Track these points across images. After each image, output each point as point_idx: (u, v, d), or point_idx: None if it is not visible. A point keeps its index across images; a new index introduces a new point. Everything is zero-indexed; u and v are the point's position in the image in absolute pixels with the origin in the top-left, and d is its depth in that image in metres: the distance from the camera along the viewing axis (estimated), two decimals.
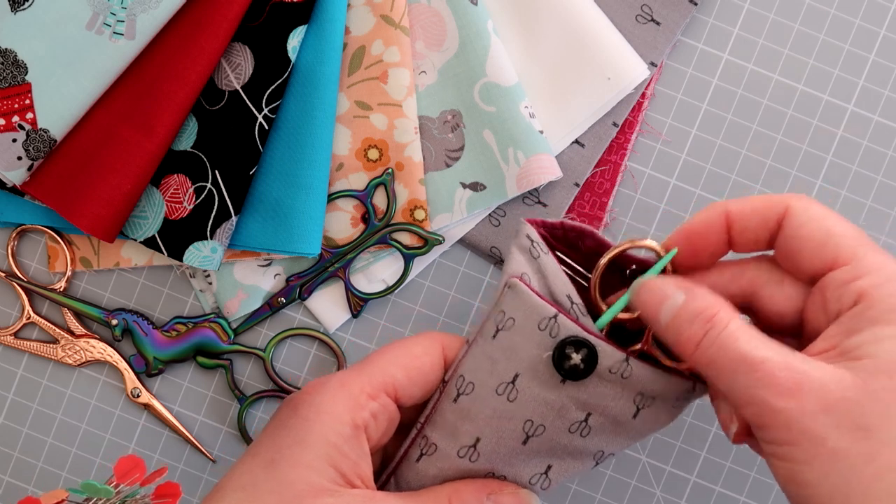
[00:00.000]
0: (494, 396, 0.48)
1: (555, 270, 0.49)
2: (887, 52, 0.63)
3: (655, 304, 0.46)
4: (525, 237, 0.50)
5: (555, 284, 0.48)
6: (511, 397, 0.48)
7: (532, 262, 0.49)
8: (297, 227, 0.59)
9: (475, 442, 0.49)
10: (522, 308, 0.48)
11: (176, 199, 0.59)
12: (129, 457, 0.47)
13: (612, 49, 0.61)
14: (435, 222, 0.62)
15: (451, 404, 0.49)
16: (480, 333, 0.49)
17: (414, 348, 0.50)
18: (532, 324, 0.48)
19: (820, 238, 0.44)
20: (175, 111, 0.57)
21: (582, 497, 0.64)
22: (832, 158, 0.63)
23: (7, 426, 0.64)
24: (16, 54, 0.56)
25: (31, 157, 0.57)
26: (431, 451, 0.50)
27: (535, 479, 0.50)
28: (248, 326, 0.63)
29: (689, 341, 0.44)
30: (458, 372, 0.49)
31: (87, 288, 0.64)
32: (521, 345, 0.48)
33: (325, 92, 0.60)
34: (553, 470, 0.50)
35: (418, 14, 0.62)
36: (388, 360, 0.50)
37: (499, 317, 0.49)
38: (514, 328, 0.48)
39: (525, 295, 0.48)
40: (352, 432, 0.47)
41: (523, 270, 0.49)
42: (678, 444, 0.64)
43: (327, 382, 0.49)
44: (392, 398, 0.49)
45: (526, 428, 0.48)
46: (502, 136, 0.61)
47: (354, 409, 0.48)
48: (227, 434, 0.64)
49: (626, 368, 0.47)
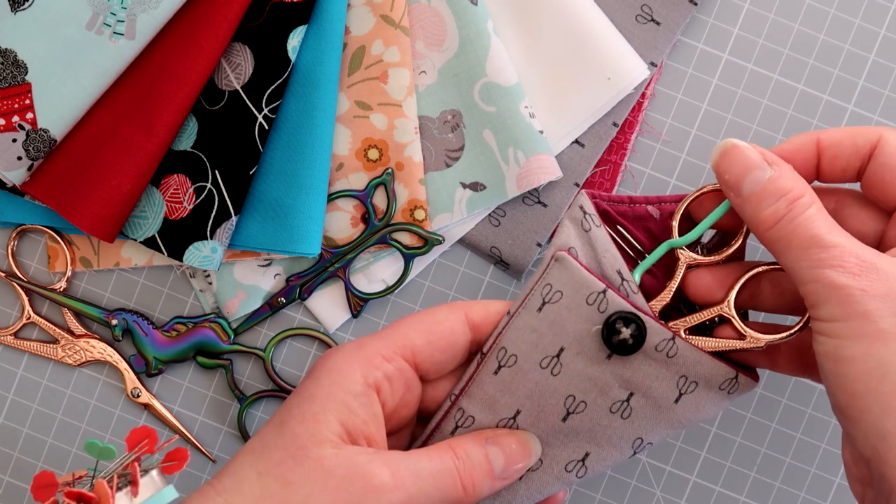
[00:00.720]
0: (537, 370, 0.48)
1: (605, 245, 0.49)
2: (887, 52, 0.63)
3: (742, 171, 0.47)
4: (578, 208, 0.50)
5: (604, 259, 0.48)
6: (555, 371, 0.48)
7: (582, 235, 0.49)
8: (297, 227, 0.59)
9: (515, 414, 0.49)
10: (570, 282, 0.48)
11: (176, 199, 0.59)
12: (142, 427, 0.47)
13: (612, 49, 0.61)
14: (435, 222, 0.62)
15: (490, 376, 0.49)
16: (524, 306, 0.49)
17: (436, 314, 0.50)
18: (580, 298, 0.48)
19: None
20: (175, 111, 0.57)
21: (582, 497, 0.64)
22: None
23: (7, 426, 0.64)
24: (16, 54, 0.56)
25: (31, 157, 0.57)
26: (468, 423, 0.50)
27: (571, 466, 0.50)
28: (248, 326, 0.63)
29: (771, 217, 0.45)
30: (498, 344, 0.49)
31: (87, 288, 0.64)
32: (568, 319, 0.48)
33: (325, 92, 0.60)
34: (590, 458, 0.50)
35: (418, 14, 0.62)
36: (408, 326, 0.50)
37: (545, 290, 0.49)
38: (560, 302, 0.48)
39: (573, 269, 0.48)
40: (362, 389, 0.47)
41: (572, 244, 0.49)
42: (678, 444, 0.64)
43: (344, 346, 0.49)
44: (411, 363, 0.49)
45: (567, 404, 0.48)
46: (502, 136, 0.61)
47: (367, 368, 0.48)
48: (227, 434, 0.64)
49: (672, 347, 0.47)
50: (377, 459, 0.46)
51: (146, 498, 0.45)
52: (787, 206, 0.45)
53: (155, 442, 0.47)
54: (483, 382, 0.50)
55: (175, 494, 0.46)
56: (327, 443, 0.46)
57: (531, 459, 0.50)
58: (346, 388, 0.47)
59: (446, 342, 0.50)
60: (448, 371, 0.51)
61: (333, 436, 0.46)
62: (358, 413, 0.47)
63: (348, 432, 0.47)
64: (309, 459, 0.45)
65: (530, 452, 0.50)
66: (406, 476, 0.46)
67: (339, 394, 0.47)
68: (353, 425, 0.47)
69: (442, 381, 0.52)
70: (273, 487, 0.45)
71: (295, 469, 0.45)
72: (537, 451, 0.50)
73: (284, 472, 0.45)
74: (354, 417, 0.47)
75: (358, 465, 0.45)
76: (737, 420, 0.64)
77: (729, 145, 0.47)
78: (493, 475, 0.49)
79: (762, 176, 0.46)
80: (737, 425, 0.64)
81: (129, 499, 0.45)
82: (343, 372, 0.48)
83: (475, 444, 0.49)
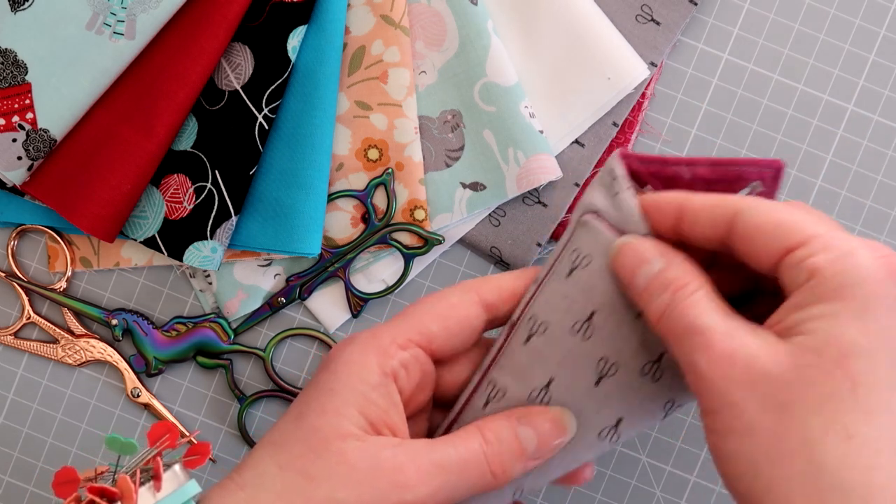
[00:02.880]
0: (569, 336, 0.48)
1: (629, 209, 0.48)
2: (887, 52, 0.63)
3: (633, 267, 0.45)
4: (608, 172, 0.49)
5: (628, 224, 0.48)
6: (587, 335, 0.48)
7: (609, 199, 0.49)
8: (297, 227, 0.59)
9: (548, 383, 0.48)
10: (598, 246, 0.47)
11: (176, 199, 0.59)
12: (163, 422, 0.47)
13: (612, 49, 0.61)
14: (435, 222, 0.62)
15: (522, 346, 0.49)
16: (553, 272, 0.49)
17: (450, 298, 0.50)
18: (608, 261, 0.47)
19: (772, 229, 0.42)
20: (175, 111, 0.57)
21: (582, 497, 0.64)
22: (832, 158, 0.63)
23: (7, 426, 0.64)
24: (16, 54, 0.56)
25: (31, 157, 0.57)
26: (500, 396, 0.49)
27: (604, 433, 0.49)
28: (248, 326, 0.63)
29: (657, 310, 0.43)
30: (528, 313, 0.49)
31: (87, 288, 0.64)
32: (598, 283, 0.47)
33: (325, 92, 0.60)
34: (623, 423, 0.49)
35: (418, 14, 0.62)
36: (422, 311, 0.49)
37: (573, 255, 0.48)
38: (590, 266, 0.47)
39: (599, 233, 0.47)
40: (380, 380, 0.47)
41: (598, 207, 0.48)
42: (678, 444, 0.64)
43: (358, 336, 0.49)
44: (426, 350, 0.49)
45: (599, 367, 0.48)
46: (502, 136, 0.61)
47: (382, 358, 0.47)
48: (227, 434, 0.64)
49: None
50: (402, 453, 0.45)
51: (169, 492, 0.45)
52: (671, 296, 0.43)
53: (176, 437, 0.47)
54: (514, 353, 0.49)
55: (198, 489, 0.45)
56: (350, 436, 0.45)
57: (567, 437, 0.48)
58: (365, 379, 0.47)
59: (461, 326, 0.49)
60: (462, 353, 0.51)
61: (356, 428, 0.46)
62: (378, 403, 0.46)
63: (371, 423, 0.46)
64: (331, 453, 0.45)
65: (565, 430, 0.48)
66: (431, 469, 0.45)
67: (358, 385, 0.46)
68: (376, 416, 0.46)
69: (456, 362, 0.51)
70: (296, 482, 0.44)
71: (317, 463, 0.45)
72: (573, 427, 0.48)
73: (306, 466, 0.45)
74: (375, 408, 0.46)
75: (382, 459, 0.45)
76: None
77: (621, 244, 0.46)
78: (526, 456, 0.47)
79: (651, 270, 0.44)
80: None
81: (151, 494, 0.45)
82: (360, 363, 0.47)
83: (505, 426, 0.48)
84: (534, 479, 0.50)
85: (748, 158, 0.48)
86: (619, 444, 0.50)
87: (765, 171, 0.49)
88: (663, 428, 0.63)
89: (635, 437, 0.63)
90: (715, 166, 0.49)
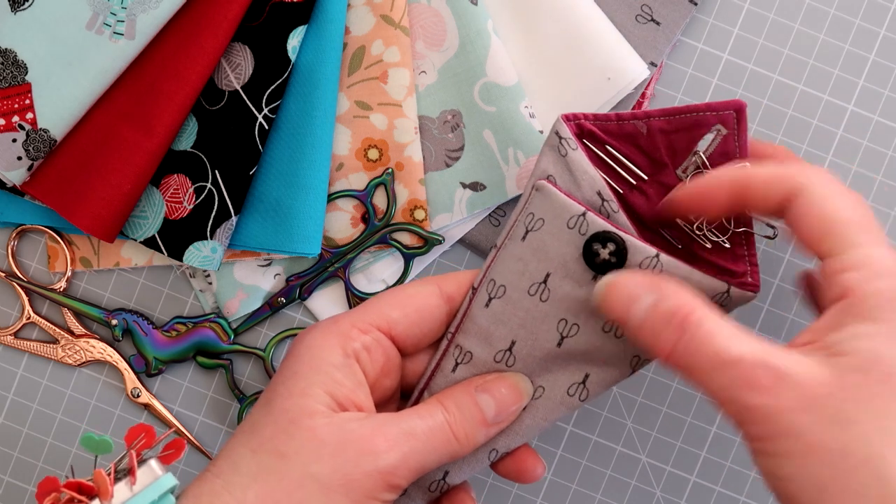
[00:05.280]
0: (527, 297, 0.49)
1: (582, 168, 0.49)
2: (887, 52, 0.63)
3: (624, 306, 0.45)
4: (554, 134, 0.50)
5: (582, 181, 0.49)
6: (543, 297, 0.49)
7: (560, 161, 0.49)
8: (297, 227, 0.59)
9: (510, 345, 0.50)
10: (551, 208, 0.48)
11: (176, 199, 0.59)
12: (139, 424, 0.48)
13: (612, 49, 0.61)
14: (435, 222, 0.62)
15: (482, 310, 0.50)
16: (509, 237, 0.50)
17: (408, 289, 0.52)
18: (561, 222, 0.48)
19: (818, 226, 0.44)
20: (175, 111, 0.57)
21: (582, 497, 0.64)
22: (832, 158, 0.63)
23: (7, 426, 0.64)
24: (16, 54, 0.56)
25: (31, 157, 0.57)
26: (467, 359, 0.51)
27: (573, 390, 0.50)
28: (248, 326, 0.63)
29: (665, 345, 0.44)
30: (487, 276, 0.50)
31: (87, 288, 0.64)
32: (552, 244, 0.48)
33: (325, 92, 0.60)
34: (591, 379, 0.50)
35: (418, 14, 0.62)
36: (382, 300, 0.51)
37: (527, 219, 0.49)
38: (543, 228, 0.48)
39: (552, 195, 0.48)
40: (343, 360, 0.48)
41: (550, 172, 0.49)
42: (678, 444, 0.64)
43: (319, 323, 0.51)
44: (387, 334, 0.50)
45: (560, 328, 0.49)
46: (502, 136, 0.61)
47: (344, 340, 0.49)
48: (227, 434, 0.64)
49: (657, 264, 0.47)
50: (368, 424, 0.47)
51: (145, 485, 0.46)
52: (677, 329, 0.43)
53: (152, 437, 0.48)
54: (476, 316, 0.51)
55: (174, 481, 0.46)
56: (318, 414, 0.47)
57: (523, 401, 0.51)
58: (328, 360, 0.48)
59: (420, 314, 0.51)
60: (426, 345, 0.52)
61: (322, 406, 0.47)
62: (343, 383, 0.48)
63: (337, 402, 0.47)
64: (301, 431, 0.46)
65: (521, 393, 0.50)
66: (399, 436, 0.47)
67: (322, 367, 0.48)
68: (341, 395, 0.48)
69: (422, 355, 0.53)
70: (269, 462, 0.46)
71: (288, 442, 0.46)
72: (528, 391, 0.51)
73: (278, 446, 0.46)
74: (341, 387, 0.48)
75: (350, 430, 0.46)
76: None
77: (606, 284, 0.46)
78: (487, 422, 0.50)
79: (643, 305, 0.44)
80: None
81: (128, 487, 0.45)
82: (322, 346, 0.49)
83: (465, 394, 0.50)
84: (507, 439, 0.52)
85: (704, 103, 0.49)
86: (590, 400, 0.51)
87: (725, 114, 0.49)
88: (663, 428, 0.64)
89: (635, 437, 0.63)
90: (670, 115, 0.50)
